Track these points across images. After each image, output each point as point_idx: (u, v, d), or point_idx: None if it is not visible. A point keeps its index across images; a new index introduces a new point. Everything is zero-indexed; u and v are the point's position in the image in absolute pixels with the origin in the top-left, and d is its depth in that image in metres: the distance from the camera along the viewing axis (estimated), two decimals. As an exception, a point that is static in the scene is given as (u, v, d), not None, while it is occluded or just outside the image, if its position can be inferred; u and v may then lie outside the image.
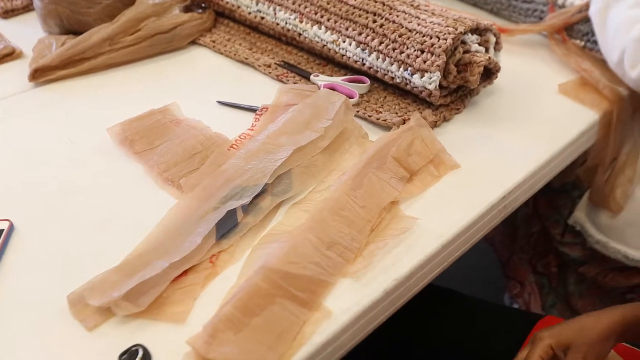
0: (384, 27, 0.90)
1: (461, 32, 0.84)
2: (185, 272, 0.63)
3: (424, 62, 0.85)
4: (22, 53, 1.05)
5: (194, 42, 1.08)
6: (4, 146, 0.84)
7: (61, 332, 0.58)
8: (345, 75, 0.98)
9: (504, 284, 1.33)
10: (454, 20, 0.86)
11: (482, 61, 0.85)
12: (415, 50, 0.86)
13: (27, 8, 1.20)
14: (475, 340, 0.84)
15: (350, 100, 0.87)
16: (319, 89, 0.90)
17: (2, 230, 0.68)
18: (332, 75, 0.98)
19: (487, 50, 0.90)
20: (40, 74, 0.98)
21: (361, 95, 0.92)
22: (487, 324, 0.82)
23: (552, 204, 1.11)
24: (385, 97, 0.92)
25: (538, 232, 1.19)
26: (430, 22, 0.87)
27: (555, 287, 1.21)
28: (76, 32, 1.04)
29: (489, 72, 0.89)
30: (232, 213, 0.68)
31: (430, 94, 0.86)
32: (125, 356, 0.55)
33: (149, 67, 1.02)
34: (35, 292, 0.63)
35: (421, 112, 0.86)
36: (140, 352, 0.55)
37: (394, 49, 0.88)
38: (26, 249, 0.68)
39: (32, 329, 0.59)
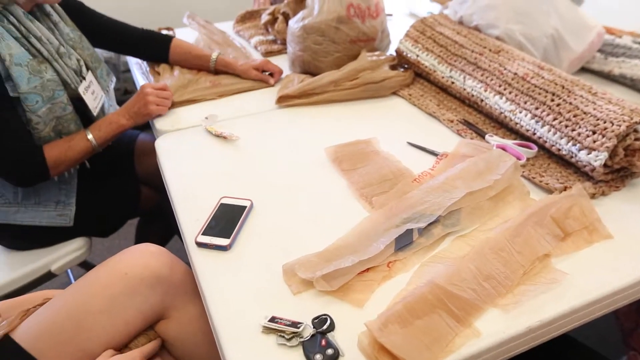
0: (560, 106, 0.85)
1: (636, 122, 0.76)
2: (367, 270, 0.65)
3: (594, 142, 0.78)
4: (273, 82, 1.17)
5: (394, 93, 1.12)
6: (255, 147, 0.94)
7: (275, 290, 0.63)
8: (515, 139, 0.94)
9: (623, 350, 1.16)
10: (631, 110, 0.78)
11: (651, 150, 0.76)
12: (587, 130, 0.80)
13: (281, 52, 1.33)
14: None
15: (518, 161, 0.84)
16: (493, 147, 0.87)
17: (246, 206, 0.76)
18: (504, 138, 0.94)
19: (654, 141, 0.80)
20: (283, 100, 1.08)
21: (528, 159, 0.88)
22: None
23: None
24: (549, 164, 0.87)
25: (668, 311, 1.03)
26: (606, 109, 0.80)
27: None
28: (312, 74, 1.13)
29: (654, 161, 0.79)
30: (409, 232, 0.69)
31: (593, 170, 0.79)
32: (316, 321, 0.58)
33: (359, 107, 1.07)
34: (262, 256, 0.69)
35: (582, 183, 0.79)
36: (328, 321, 0.58)
37: (566, 126, 0.83)
38: (259, 223, 0.75)
39: (256, 282, 0.65)
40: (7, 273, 1.06)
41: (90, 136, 1.01)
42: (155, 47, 1.21)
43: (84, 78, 1.04)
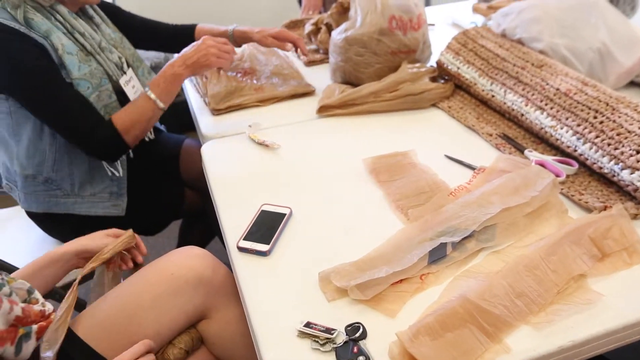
0: (603, 124, 0.84)
1: (682, 143, 0.75)
2: (400, 281, 0.67)
3: (638, 161, 0.77)
4: (315, 92, 1.20)
5: (434, 105, 1.12)
6: (295, 155, 0.97)
7: (311, 296, 0.66)
8: (555, 155, 0.93)
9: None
10: (677, 130, 0.77)
11: (698, 172, 0.74)
12: (630, 150, 0.79)
13: (323, 61, 1.36)
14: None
15: (557, 178, 0.83)
16: (532, 163, 0.87)
17: (285, 214, 0.79)
18: (543, 153, 0.93)
19: None
20: (324, 110, 1.11)
21: (567, 176, 0.87)
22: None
23: None
24: (589, 182, 0.86)
25: None
26: (652, 128, 0.79)
27: None
28: (353, 84, 1.16)
29: (702, 182, 0.77)
30: (443, 246, 0.70)
31: (636, 190, 0.77)
32: (349, 328, 0.60)
33: (397, 119, 1.08)
34: (299, 262, 0.72)
35: (623, 203, 0.78)
36: (361, 329, 0.60)
37: (608, 144, 0.82)
38: (298, 231, 0.78)
39: (293, 288, 0.68)
40: (62, 266, 1.14)
41: (152, 95, 1.01)
42: (183, 38, 1.28)
43: (125, 73, 1.12)
